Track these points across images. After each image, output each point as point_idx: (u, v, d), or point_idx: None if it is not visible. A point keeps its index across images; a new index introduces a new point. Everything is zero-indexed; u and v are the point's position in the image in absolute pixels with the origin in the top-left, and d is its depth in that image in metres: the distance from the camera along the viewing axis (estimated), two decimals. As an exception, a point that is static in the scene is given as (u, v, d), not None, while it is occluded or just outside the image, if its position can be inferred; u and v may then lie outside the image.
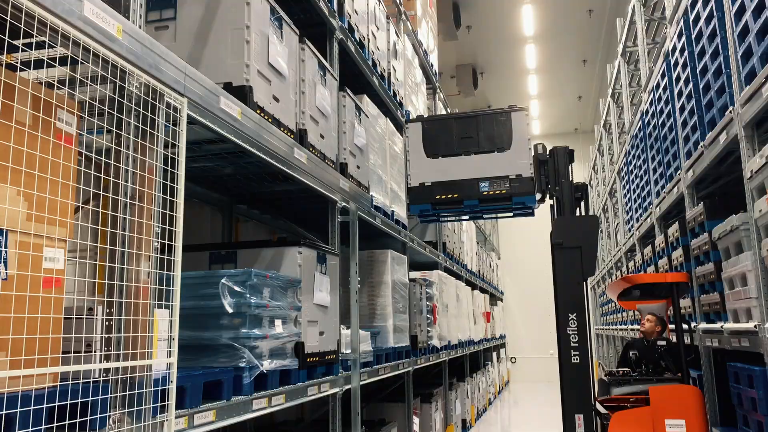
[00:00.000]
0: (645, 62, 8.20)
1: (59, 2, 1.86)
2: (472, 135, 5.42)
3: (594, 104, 20.91)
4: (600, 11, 15.57)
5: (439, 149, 5.50)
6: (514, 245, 22.82)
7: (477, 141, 5.41)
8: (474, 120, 5.45)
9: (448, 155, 5.46)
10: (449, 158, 5.46)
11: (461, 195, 5.36)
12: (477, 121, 5.45)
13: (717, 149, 4.41)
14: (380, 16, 6.76)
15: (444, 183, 5.41)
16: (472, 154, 5.41)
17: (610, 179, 12.61)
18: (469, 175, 5.37)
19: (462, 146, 5.42)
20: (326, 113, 4.60)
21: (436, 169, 5.46)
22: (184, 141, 2.39)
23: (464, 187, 5.35)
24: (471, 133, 5.42)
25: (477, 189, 5.32)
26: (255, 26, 3.50)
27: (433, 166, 5.48)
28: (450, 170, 5.43)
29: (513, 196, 5.32)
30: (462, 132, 5.46)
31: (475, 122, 5.45)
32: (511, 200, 5.35)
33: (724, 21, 4.20)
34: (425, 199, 5.49)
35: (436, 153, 5.49)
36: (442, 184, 5.42)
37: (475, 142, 5.40)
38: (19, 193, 1.75)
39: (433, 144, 5.52)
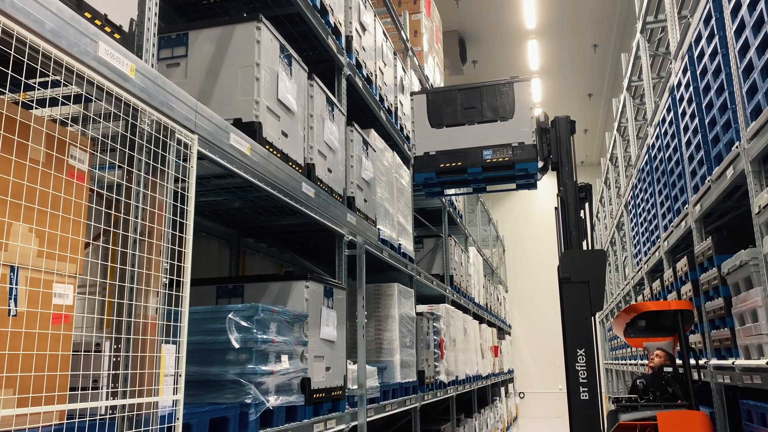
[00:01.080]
0: (650, 96, 8.26)
1: (75, 43, 1.91)
2: (475, 105, 5.52)
3: (600, 137, 21.01)
4: (605, 46, 15.75)
5: (443, 119, 5.58)
6: (522, 278, 22.72)
7: (480, 111, 5.50)
8: (477, 91, 5.56)
9: (452, 125, 5.54)
10: (453, 128, 5.54)
11: (465, 163, 5.43)
12: (480, 91, 5.55)
13: (724, 184, 4.41)
14: (387, 52, 6.86)
15: (448, 152, 5.48)
16: (476, 124, 5.50)
17: (618, 212, 12.59)
18: (473, 144, 5.45)
19: (466, 116, 5.51)
20: (334, 147, 4.65)
21: (441, 138, 5.54)
22: (194, 177, 2.41)
23: (468, 156, 5.43)
24: (474, 103, 5.52)
25: (480, 157, 5.39)
26: (265, 63, 3.55)
27: (437, 136, 5.55)
28: (454, 139, 5.51)
29: (516, 163, 5.37)
30: (465, 102, 5.55)
31: (479, 93, 5.55)
32: (514, 167, 5.40)
33: (728, 57, 4.24)
34: (430, 168, 5.51)
35: (440, 123, 5.57)
36: (446, 153, 5.48)
37: (478, 112, 5.50)
38: (31, 230, 1.77)
39: (438, 114, 5.60)
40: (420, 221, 9.42)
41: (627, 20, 14.49)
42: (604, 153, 17.19)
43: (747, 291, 4.05)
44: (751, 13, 3.67)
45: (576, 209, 5.24)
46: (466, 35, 15.31)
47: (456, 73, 15.51)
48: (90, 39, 1.99)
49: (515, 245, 23.42)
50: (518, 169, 5.38)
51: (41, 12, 1.81)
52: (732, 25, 4.03)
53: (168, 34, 3.66)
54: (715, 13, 4.43)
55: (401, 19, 8.58)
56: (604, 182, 15.66)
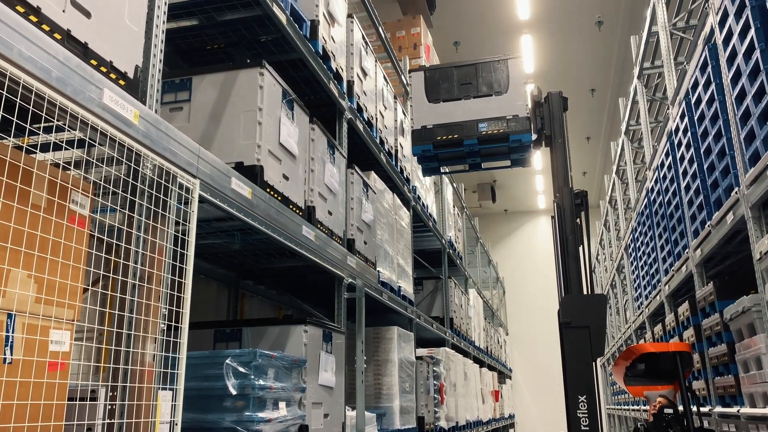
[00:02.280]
0: (648, 141, 8.33)
1: (80, 90, 1.93)
2: (471, 81, 5.71)
3: (599, 180, 21.12)
4: (602, 91, 15.97)
5: (440, 94, 5.75)
6: (523, 321, 22.54)
7: (476, 86, 5.70)
8: (473, 67, 5.78)
9: (449, 100, 5.72)
10: (450, 102, 5.71)
11: (461, 135, 5.59)
12: (476, 68, 5.77)
13: (724, 229, 4.41)
14: (388, 96, 6.95)
15: (445, 125, 5.65)
16: (471, 98, 5.68)
17: (617, 255, 12.56)
18: (469, 117, 5.64)
19: (462, 91, 5.70)
20: (334, 190, 4.66)
21: (438, 112, 5.71)
22: (194, 222, 2.41)
23: (464, 128, 5.61)
24: (470, 79, 5.72)
25: (476, 129, 5.57)
26: (267, 108, 3.59)
27: (434, 110, 5.71)
28: (450, 113, 5.69)
29: (510, 135, 5.55)
30: (462, 78, 5.74)
31: (474, 70, 5.76)
32: (509, 139, 5.57)
33: (725, 104, 4.29)
34: (427, 140, 5.65)
35: (437, 98, 5.74)
36: (443, 126, 5.65)
37: (474, 88, 5.69)
38: (30, 276, 1.76)
39: (435, 90, 5.77)
40: (420, 263, 9.39)
41: (624, 65, 14.73)
42: (603, 195, 17.25)
43: (750, 337, 4.01)
44: (747, 61, 3.73)
45: (572, 215, 5.32)
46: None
47: (455, 115, 15.66)
48: (95, 86, 2.02)
49: (516, 287, 23.31)
50: (512, 140, 5.56)
51: (48, 60, 1.83)
52: (728, 73, 4.09)
53: (172, 79, 3.71)
54: (712, 61, 4.51)
55: (401, 64, 8.72)
56: (603, 225, 15.67)
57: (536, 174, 21.36)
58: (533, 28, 13.78)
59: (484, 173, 20.52)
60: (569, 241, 5.23)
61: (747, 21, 3.66)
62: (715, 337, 4.89)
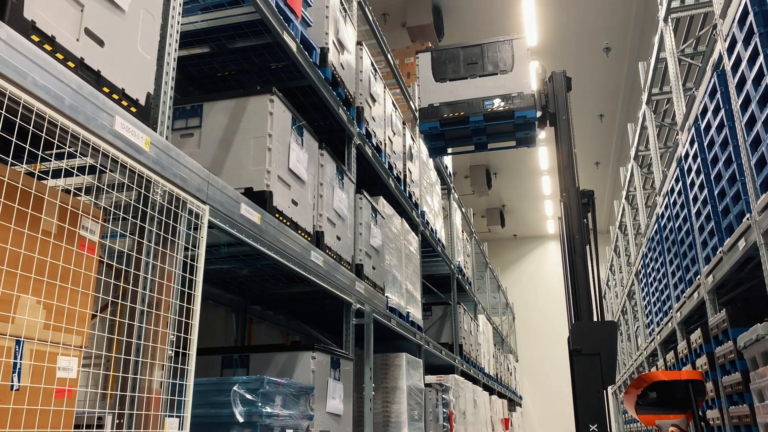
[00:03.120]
0: (658, 166, 8.31)
1: (93, 118, 1.95)
2: (477, 61, 5.91)
3: (609, 205, 21.05)
4: (611, 116, 16.00)
5: (447, 74, 5.94)
6: (533, 347, 22.32)
7: (482, 65, 5.89)
8: (479, 48, 5.97)
9: (456, 79, 5.90)
10: (456, 81, 5.88)
11: (467, 112, 5.76)
12: (481, 48, 5.96)
13: (736, 256, 4.37)
14: (397, 121, 6.99)
15: (451, 103, 5.82)
16: (477, 77, 5.86)
17: (628, 281, 12.46)
18: (475, 95, 5.81)
19: (468, 70, 5.89)
20: (343, 215, 4.67)
21: (444, 91, 5.88)
22: (203, 248, 2.41)
23: (470, 105, 5.78)
24: (476, 59, 5.92)
25: (482, 106, 5.74)
26: (277, 134, 3.62)
27: (441, 89, 5.89)
28: (457, 92, 5.86)
29: (515, 111, 5.71)
30: (468, 59, 5.94)
31: (480, 50, 5.96)
32: (514, 116, 5.72)
33: (735, 130, 4.28)
34: (434, 118, 5.82)
35: (444, 77, 5.92)
36: (449, 104, 5.82)
37: (480, 67, 5.89)
38: (39, 302, 1.76)
39: (441, 70, 5.96)
40: (428, 288, 9.35)
41: (633, 91, 14.77)
42: (613, 221, 17.18)
43: (765, 366, 3.95)
44: (757, 87, 3.73)
45: (579, 213, 5.39)
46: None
47: (464, 141, 15.71)
48: (107, 113, 2.04)
49: (525, 313, 23.14)
50: (518, 116, 5.70)
51: (61, 88, 1.86)
52: (738, 99, 4.08)
53: (183, 106, 3.75)
54: (720, 87, 4.51)
55: (410, 90, 8.78)
56: (613, 250, 15.58)
57: (545, 199, 21.33)
58: (541, 54, 13.87)
59: (493, 198, 20.53)
60: (576, 241, 5.27)
61: (756, 48, 3.67)
62: (729, 366, 4.81)
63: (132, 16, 2.41)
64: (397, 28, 12.60)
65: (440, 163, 9.80)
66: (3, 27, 1.68)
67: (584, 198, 5.50)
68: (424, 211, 7.88)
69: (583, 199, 5.48)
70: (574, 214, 5.35)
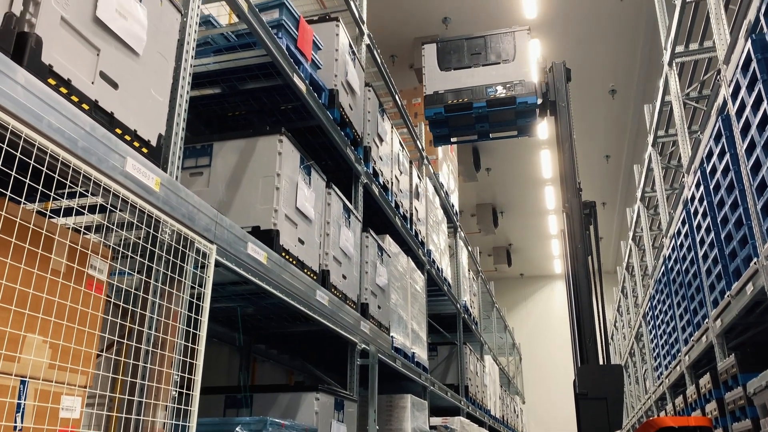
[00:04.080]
0: (664, 208, 8.31)
1: (105, 159, 1.99)
2: (480, 51, 6.21)
3: (615, 245, 20.99)
4: (617, 157, 16.08)
5: (452, 63, 6.22)
6: (540, 388, 21.99)
7: (485, 55, 6.18)
8: (482, 39, 6.25)
9: (460, 68, 6.17)
10: (461, 70, 6.16)
11: (470, 98, 6.01)
12: (485, 40, 6.25)
13: (744, 300, 4.33)
14: (403, 160, 7.05)
15: (455, 90, 6.09)
16: (481, 66, 6.14)
17: (636, 323, 12.34)
18: (478, 83, 6.08)
19: (472, 60, 6.19)
20: (349, 254, 4.68)
21: (449, 79, 6.14)
22: (209, 287, 2.42)
23: (473, 92, 6.04)
24: (479, 49, 6.21)
25: (485, 92, 6.00)
26: (285, 174, 3.66)
27: (446, 77, 6.16)
28: (461, 80, 6.12)
29: (517, 97, 5.94)
30: (472, 49, 6.23)
31: (483, 41, 6.24)
32: (515, 102, 5.94)
33: (740, 174, 4.30)
34: (439, 104, 6.07)
35: (449, 67, 6.20)
36: (453, 91, 6.09)
37: (483, 57, 6.18)
38: (45, 342, 1.77)
39: (446, 59, 6.24)
40: (434, 327, 9.28)
41: (639, 132, 14.87)
42: (620, 261, 17.10)
43: (776, 413, 3.88)
44: (761, 133, 3.75)
45: (581, 223, 5.48)
46: (479, 144, 15.74)
47: (470, 179, 15.82)
48: (119, 155, 2.08)
49: (532, 353, 22.87)
50: (519, 102, 5.92)
51: (75, 131, 1.90)
52: (743, 144, 4.11)
53: (193, 145, 3.80)
54: (725, 132, 4.54)
55: (417, 130, 8.87)
56: (621, 291, 15.47)
57: (552, 238, 21.29)
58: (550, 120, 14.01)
59: (500, 236, 20.50)
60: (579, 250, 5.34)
61: (759, 94, 3.71)
62: (739, 412, 4.73)
63: (146, 60, 2.47)
64: (405, 69, 12.80)
65: (446, 202, 9.83)
66: (21, 72, 1.73)
67: (586, 209, 5.62)
68: (430, 250, 7.88)
69: (585, 210, 5.61)
70: (576, 225, 5.44)
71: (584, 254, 5.35)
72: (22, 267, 1.68)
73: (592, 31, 12.00)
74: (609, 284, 20.80)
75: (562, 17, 11.51)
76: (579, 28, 11.90)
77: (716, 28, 4.92)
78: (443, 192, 9.60)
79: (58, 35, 2.03)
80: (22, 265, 1.68)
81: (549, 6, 11.37)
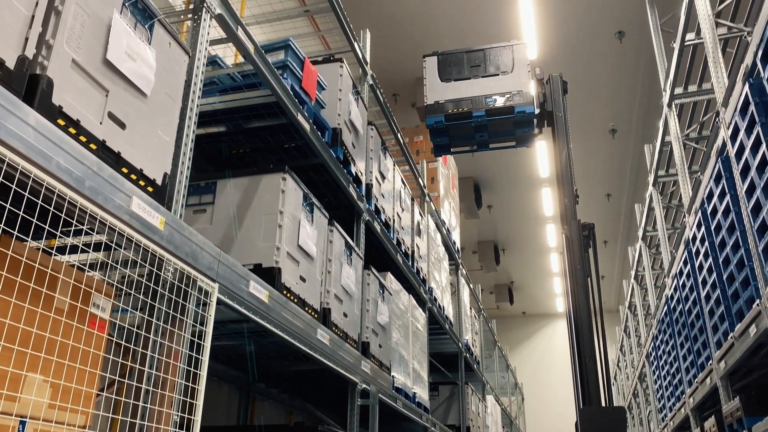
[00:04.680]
0: (666, 247, 8.31)
1: (111, 199, 2.01)
2: (479, 63, 6.46)
3: (617, 284, 20.90)
4: (618, 195, 16.13)
5: (452, 74, 6.46)
6: (542, 429, 21.63)
7: (484, 67, 6.43)
8: (482, 52, 6.53)
9: (460, 79, 6.41)
10: (460, 81, 6.39)
11: (470, 108, 6.22)
12: (484, 52, 6.51)
13: (748, 342, 4.30)
14: (405, 197, 7.09)
15: (455, 99, 6.32)
16: (480, 78, 6.38)
17: (639, 363, 12.21)
18: (478, 93, 6.32)
19: (472, 72, 6.44)
20: (350, 292, 4.67)
21: (449, 89, 6.38)
22: (211, 326, 2.42)
23: (473, 102, 6.26)
24: (479, 62, 6.47)
25: (484, 102, 6.22)
26: (288, 211, 3.68)
27: (446, 88, 6.39)
28: (461, 90, 6.35)
29: (515, 107, 6.16)
30: (471, 61, 6.49)
31: (483, 54, 6.51)
32: (514, 111, 6.15)
33: (741, 215, 4.31)
34: (439, 113, 6.28)
35: (449, 78, 6.45)
36: (453, 101, 6.31)
37: (483, 69, 6.43)
38: (46, 381, 1.76)
39: (447, 71, 6.50)
40: (435, 366, 9.19)
41: (639, 171, 14.96)
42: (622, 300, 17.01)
43: (782, 459, 3.82)
44: (761, 175, 3.78)
45: (580, 246, 5.52)
46: (481, 182, 15.83)
47: (471, 216, 15.84)
48: (125, 194, 2.10)
49: (535, 393, 22.57)
50: (517, 112, 6.15)
51: (83, 171, 1.92)
52: (743, 186, 4.14)
53: (197, 183, 3.84)
54: (725, 173, 4.57)
55: (419, 167, 8.94)
56: (624, 330, 15.35)
57: (554, 276, 21.21)
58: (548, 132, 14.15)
59: (501, 274, 20.43)
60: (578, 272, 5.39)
61: (758, 136, 3.75)
62: (745, 457, 4.65)
63: (153, 100, 2.52)
64: (407, 107, 12.95)
65: (448, 240, 9.84)
66: (33, 114, 1.77)
67: (585, 231, 5.70)
68: (431, 287, 7.86)
69: (584, 232, 5.69)
70: (575, 247, 5.51)
71: (584, 276, 5.38)
72: (26, 306, 1.69)
73: (592, 71, 12.18)
74: (612, 323, 20.65)
75: (562, 58, 11.69)
76: (579, 69, 12.08)
77: (714, 72, 5.00)
78: (445, 229, 9.62)
79: (69, 77, 2.07)
80: (26, 305, 1.69)
81: (549, 47, 11.57)
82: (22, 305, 1.69)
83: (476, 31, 11.19)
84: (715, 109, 5.40)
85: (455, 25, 11.01)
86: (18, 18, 1.88)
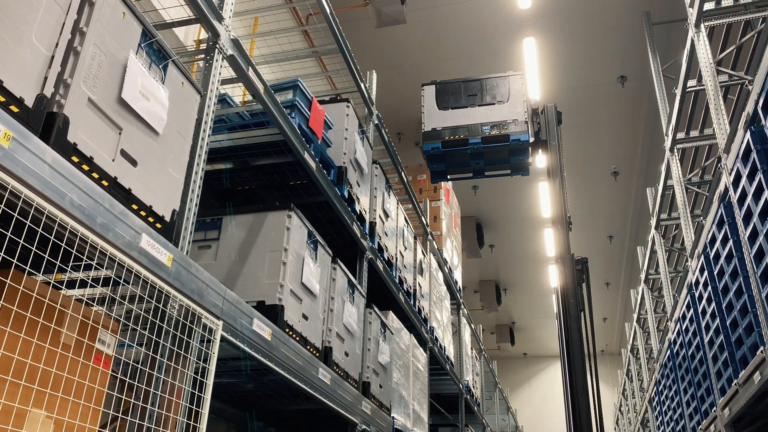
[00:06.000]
0: (669, 291, 8.28)
1: (120, 235, 2.03)
2: (476, 93, 6.66)
3: (620, 327, 20.74)
4: (620, 238, 16.13)
5: (449, 103, 6.64)
6: (542, 473, 21.20)
7: (481, 96, 6.62)
8: (478, 82, 6.73)
9: (457, 107, 6.59)
10: (458, 110, 6.57)
11: (466, 135, 6.40)
12: (481, 82, 6.72)
13: (752, 389, 4.26)
14: (408, 236, 7.10)
15: (452, 127, 6.49)
16: (477, 106, 6.56)
17: (641, 408, 12.04)
18: (474, 121, 6.49)
19: (468, 100, 6.61)
20: (352, 330, 4.65)
21: (447, 117, 6.56)
22: (214, 363, 2.42)
23: (469, 129, 6.44)
24: (476, 91, 6.67)
25: (480, 130, 6.40)
26: (292, 249, 3.70)
27: (443, 115, 6.57)
28: (458, 118, 6.53)
29: (510, 135, 6.35)
30: (468, 90, 6.68)
31: (480, 83, 6.71)
32: (509, 139, 6.33)
33: (744, 261, 4.32)
34: (436, 140, 6.45)
35: (447, 106, 6.62)
36: (450, 128, 6.49)
37: (479, 98, 6.62)
38: (49, 417, 1.76)
39: (445, 99, 6.68)
40: (435, 408, 9.07)
41: (641, 213, 14.99)
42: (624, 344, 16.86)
43: None
44: (764, 221, 3.80)
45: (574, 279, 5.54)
46: (483, 221, 15.86)
47: (473, 255, 15.83)
48: (135, 231, 2.12)
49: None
50: (512, 140, 6.33)
51: (94, 207, 1.95)
52: (745, 232, 4.15)
53: (203, 219, 3.87)
54: (728, 218, 4.59)
55: (422, 206, 8.98)
56: (626, 374, 15.17)
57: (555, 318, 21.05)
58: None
59: (503, 314, 20.30)
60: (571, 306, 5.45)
61: (760, 183, 3.78)
62: (751, 508, 4.56)
63: (165, 138, 2.56)
64: (411, 146, 13.07)
65: (450, 278, 9.82)
66: (50, 152, 1.81)
67: (578, 265, 5.78)
68: (433, 327, 7.82)
69: (577, 266, 5.77)
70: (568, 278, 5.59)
71: (576, 309, 5.42)
72: (35, 342, 1.70)
73: (594, 114, 12.32)
74: (614, 366, 20.42)
75: (565, 101, 11.85)
76: (582, 112, 12.23)
77: (716, 119, 5.07)
78: (447, 268, 9.61)
79: (84, 115, 2.12)
80: (35, 340, 1.70)
81: (552, 90, 11.73)
82: (30, 340, 1.70)
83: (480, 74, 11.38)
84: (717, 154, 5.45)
85: (459, 68, 11.19)
86: (38, 58, 1.93)
